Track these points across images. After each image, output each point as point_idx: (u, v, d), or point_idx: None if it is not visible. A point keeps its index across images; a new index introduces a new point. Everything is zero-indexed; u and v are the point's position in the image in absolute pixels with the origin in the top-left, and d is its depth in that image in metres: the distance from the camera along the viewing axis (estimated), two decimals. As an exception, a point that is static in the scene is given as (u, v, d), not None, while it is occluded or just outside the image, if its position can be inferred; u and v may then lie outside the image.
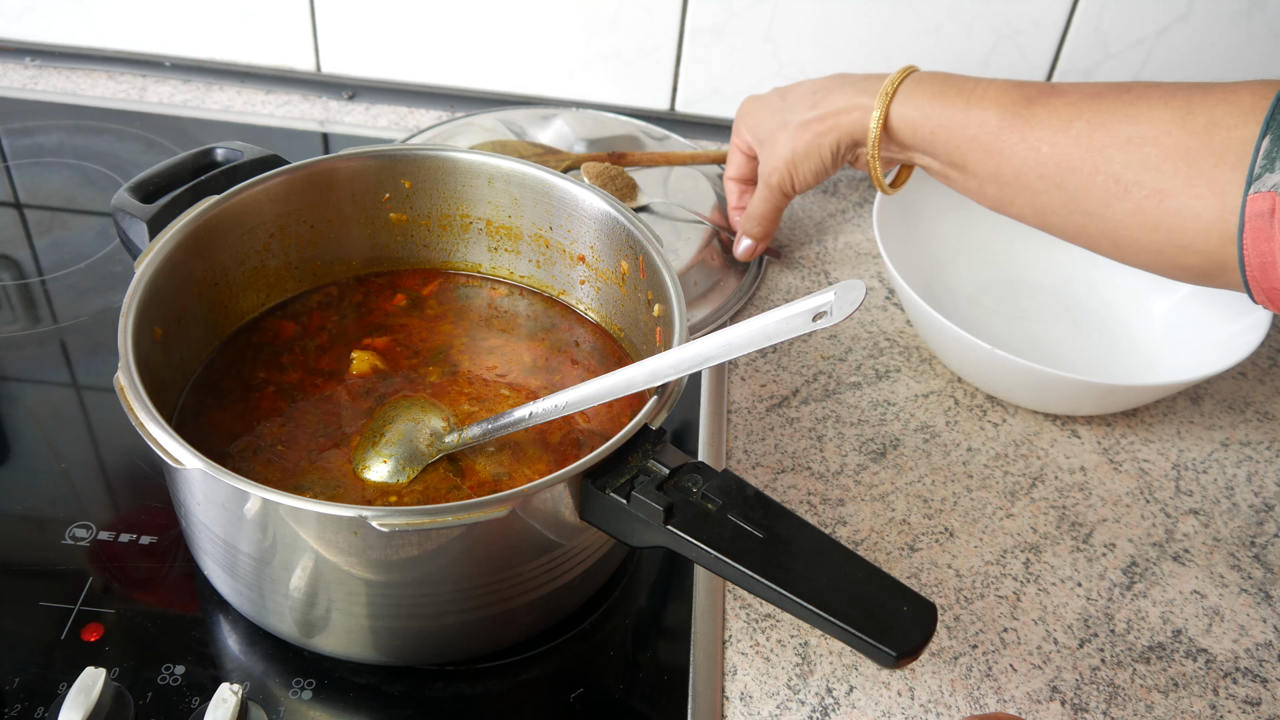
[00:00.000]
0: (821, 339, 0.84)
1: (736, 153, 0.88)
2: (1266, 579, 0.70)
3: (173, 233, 0.64)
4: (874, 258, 0.93)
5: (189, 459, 0.52)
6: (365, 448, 0.63)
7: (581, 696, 0.60)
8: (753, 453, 0.75)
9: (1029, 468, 0.76)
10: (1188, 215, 0.59)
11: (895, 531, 0.71)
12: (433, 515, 0.51)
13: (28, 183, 0.94)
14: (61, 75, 1.07)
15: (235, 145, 0.71)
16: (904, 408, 0.79)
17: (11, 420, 0.73)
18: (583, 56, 1.02)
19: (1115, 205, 0.63)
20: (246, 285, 0.71)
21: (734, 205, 0.90)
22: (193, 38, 1.05)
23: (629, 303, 0.70)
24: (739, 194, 0.90)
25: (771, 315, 0.52)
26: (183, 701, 0.58)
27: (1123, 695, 0.63)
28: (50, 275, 0.85)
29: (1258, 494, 0.76)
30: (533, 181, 0.72)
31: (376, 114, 1.05)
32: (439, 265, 0.77)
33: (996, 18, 0.95)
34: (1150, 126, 0.61)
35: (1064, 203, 0.66)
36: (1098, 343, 0.85)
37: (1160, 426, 0.80)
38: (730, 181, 0.90)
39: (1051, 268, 0.89)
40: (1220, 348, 0.76)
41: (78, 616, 0.61)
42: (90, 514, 0.67)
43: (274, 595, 0.57)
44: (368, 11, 1.01)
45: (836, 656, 0.64)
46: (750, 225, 0.86)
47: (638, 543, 0.54)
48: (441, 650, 0.61)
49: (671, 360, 0.55)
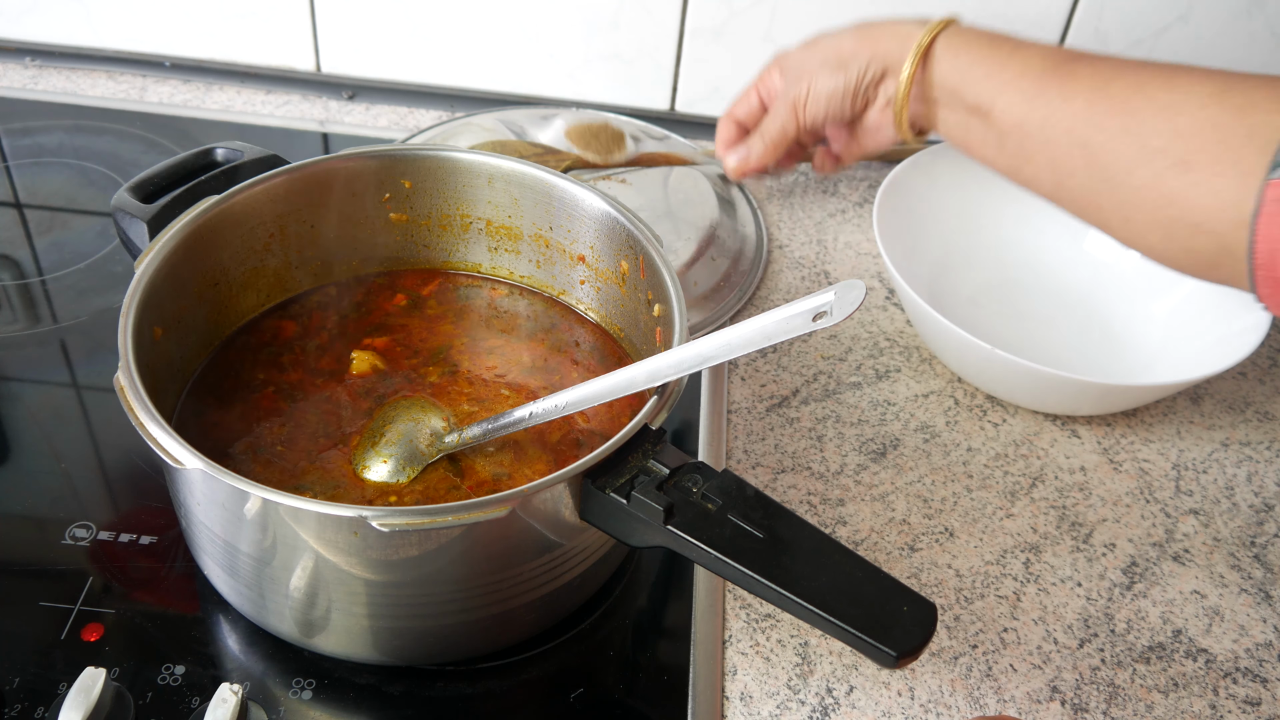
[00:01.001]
0: (821, 339, 0.84)
1: (753, 94, 0.85)
2: (1266, 579, 0.70)
3: (173, 233, 0.64)
4: (874, 258, 0.93)
5: (189, 459, 0.52)
6: (365, 448, 0.64)
7: (581, 696, 0.60)
8: (753, 453, 0.75)
9: (1029, 468, 0.76)
10: (1206, 191, 0.58)
11: (895, 531, 0.71)
12: (433, 515, 0.51)
13: (28, 183, 0.94)
14: (61, 75, 1.07)
15: (235, 145, 0.71)
16: (904, 408, 0.79)
17: (11, 420, 0.73)
18: (583, 56, 1.02)
19: (1137, 171, 0.62)
20: (246, 285, 0.71)
21: (722, 146, 0.87)
22: (193, 38, 1.05)
23: (629, 303, 0.70)
24: (732, 138, 0.86)
25: (771, 315, 0.52)
26: (183, 701, 0.58)
27: (1123, 695, 0.63)
28: (50, 275, 0.85)
29: (1258, 494, 0.76)
30: (533, 181, 0.72)
31: (376, 114, 1.05)
32: (439, 265, 0.77)
33: (996, 17, 0.95)
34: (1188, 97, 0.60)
35: (1084, 163, 0.64)
36: (1098, 343, 0.85)
37: (1160, 426, 0.80)
38: (729, 120, 0.86)
39: (1052, 268, 0.89)
40: (1220, 348, 0.76)
41: (78, 616, 0.61)
42: (90, 514, 0.67)
43: (274, 595, 0.57)
44: (368, 11, 1.01)
45: (836, 656, 0.64)
46: (754, 140, 0.84)
47: (638, 543, 0.54)
48: (441, 650, 0.61)
49: (671, 360, 0.55)
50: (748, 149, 0.84)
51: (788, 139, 0.82)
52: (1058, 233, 0.89)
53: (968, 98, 0.71)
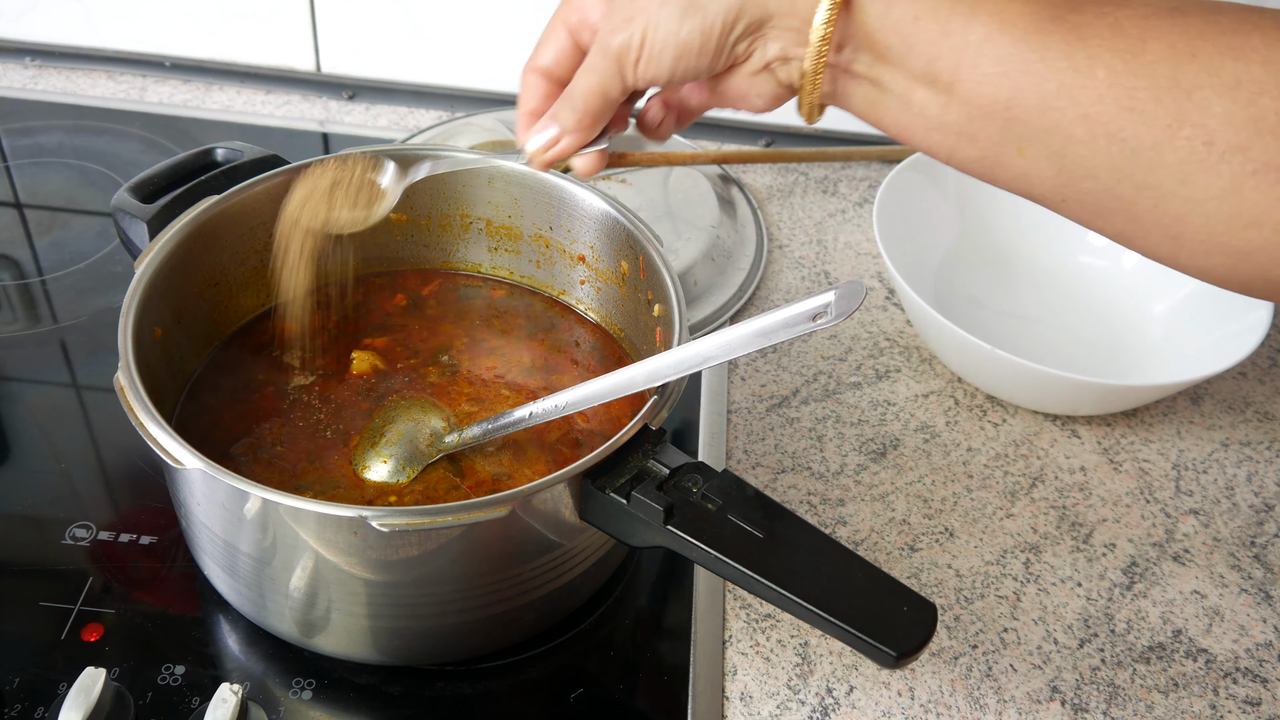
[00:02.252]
0: (821, 339, 0.84)
1: (560, 30, 0.57)
2: (1266, 579, 0.70)
3: (173, 233, 0.64)
4: (874, 258, 0.93)
5: (189, 459, 0.52)
6: (365, 448, 0.64)
7: (581, 696, 0.60)
8: (753, 453, 0.75)
9: (1029, 468, 0.76)
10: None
11: (895, 531, 0.71)
12: (433, 515, 0.51)
13: (28, 183, 0.94)
14: (61, 75, 1.07)
15: (235, 145, 0.71)
16: (904, 408, 0.79)
17: (11, 420, 0.73)
18: (583, 56, 1.02)
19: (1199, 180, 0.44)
20: (246, 285, 0.71)
21: (524, 118, 0.59)
22: (193, 38, 1.05)
23: (629, 303, 0.70)
24: (541, 95, 0.59)
25: (771, 315, 0.52)
26: (183, 701, 0.58)
27: (1123, 695, 0.63)
28: (50, 275, 0.85)
29: (1258, 494, 0.76)
30: (533, 181, 0.72)
31: (376, 114, 1.05)
32: (439, 265, 0.77)
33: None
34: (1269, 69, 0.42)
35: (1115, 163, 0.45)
36: (1097, 343, 0.85)
37: (1160, 426, 0.80)
38: (533, 74, 0.59)
39: (1052, 268, 0.89)
40: (1220, 348, 0.76)
41: (78, 616, 0.61)
42: (90, 514, 0.67)
43: (274, 595, 0.57)
44: (368, 11, 1.01)
45: (836, 656, 0.64)
46: (561, 109, 0.57)
47: (638, 543, 0.54)
48: (441, 650, 0.61)
49: (671, 360, 0.55)
50: (556, 126, 0.57)
51: (610, 106, 0.56)
52: (1058, 233, 0.89)
53: (913, 63, 0.49)
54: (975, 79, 0.47)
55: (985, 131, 0.48)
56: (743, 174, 1.00)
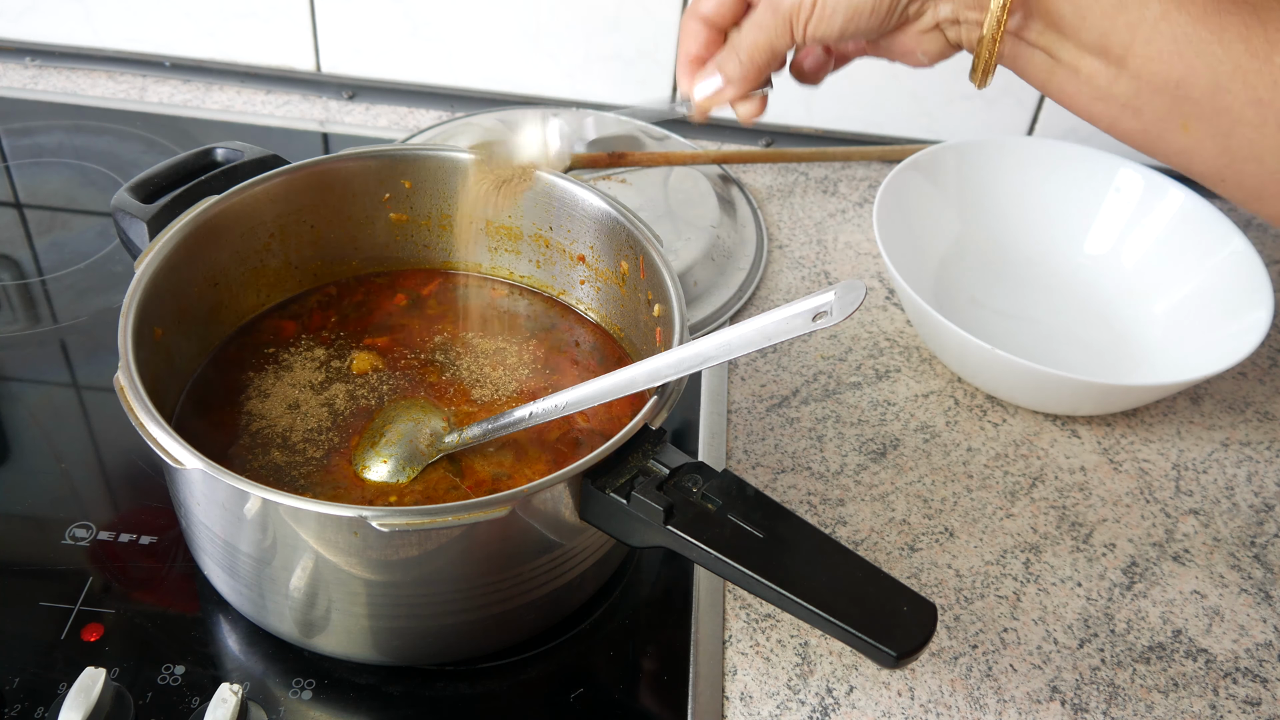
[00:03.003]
0: (821, 339, 0.84)
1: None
2: (1266, 579, 0.70)
3: (173, 233, 0.64)
4: (874, 258, 0.93)
5: (189, 459, 0.52)
6: (365, 448, 0.64)
7: (581, 696, 0.60)
8: (753, 453, 0.75)
9: (1029, 468, 0.76)
10: None
11: (895, 531, 0.71)
12: (433, 515, 0.51)
13: (28, 183, 0.94)
14: (61, 75, 1.07)
15: (235, 145, 0.71)
16: (904, 408, 0.79)
17: (11, 420, 0.73)
18: (583, 57, 1.02)
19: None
20: (246, 285, 0.71)
21: (691, 54, 0.61)
22: (193, 38, 1.05)
23: (629, 303, 0.70)
24: (703, 41, 0.60)
25: (771, 315, 0.52)
26: (183, 701, 0.58)
27: (1123, 695, 0.63)
28: (50, 275, 0.85)
29: (1258, 494, 0.76)
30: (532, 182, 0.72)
31: (376, 114, 1.05)
32: (439, 265, 0.77)
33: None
34: None
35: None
36: (1097, 343, 0.85)
37: (1160, 426, 0.80)
38: (695, 20, 0.60)
39: (1052, 268, 0.89)
40: (1220, 348, 0.76)
41: (78, 616, 0.61)
42: (90, 514, 0.67)
43: (274, 595, 0.57)
44: (368, 11, 1.01)
45: (836, 656, 0.64)
46: (727, 60, 0.58)
47: (638, 543, 0.54)
48: (441, 650, 0.61)
49: (671, 360, 0.55)
50: (722, 75, 0.59)
51: (776, 61, 0.58)
52: (1058, 233, 0.89)
53: (1086, 34, 0.49)
54: (1148, 55, 0.47)
55: (1152, 106, 0.49)
56: (743, 174, 1.00)
